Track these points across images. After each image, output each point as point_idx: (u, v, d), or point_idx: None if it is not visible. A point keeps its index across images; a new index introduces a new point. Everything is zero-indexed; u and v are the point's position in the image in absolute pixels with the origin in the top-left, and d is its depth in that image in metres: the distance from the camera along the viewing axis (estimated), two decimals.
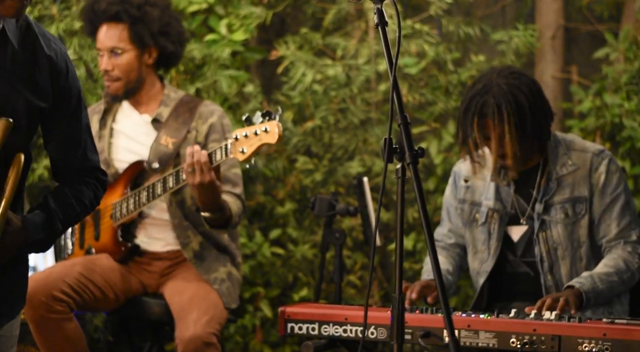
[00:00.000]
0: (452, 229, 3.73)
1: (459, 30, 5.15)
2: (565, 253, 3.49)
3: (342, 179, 5.10)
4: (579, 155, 3.51)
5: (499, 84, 3.44)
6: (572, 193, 3.49)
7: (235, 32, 5.04)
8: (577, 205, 3.48)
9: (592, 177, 3.48)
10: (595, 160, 3.50)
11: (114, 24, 3.92)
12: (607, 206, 3.47)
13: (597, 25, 5.22)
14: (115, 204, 3.94)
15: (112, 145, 4.05)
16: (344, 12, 5.22)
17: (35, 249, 2.68)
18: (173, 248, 3.98)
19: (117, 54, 3.92)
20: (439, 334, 2.99)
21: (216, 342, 3.64)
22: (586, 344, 2.86)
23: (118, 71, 3.94)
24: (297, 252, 5.05)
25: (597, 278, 3.32)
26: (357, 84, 5.08)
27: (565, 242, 3.49)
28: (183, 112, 4.00)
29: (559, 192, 3.50)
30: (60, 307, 3.67)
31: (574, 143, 3.56)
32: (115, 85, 3.96)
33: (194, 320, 3.64)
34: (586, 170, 3.49)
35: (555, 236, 3.50)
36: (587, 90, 4.99)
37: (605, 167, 3.48)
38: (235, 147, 3.54)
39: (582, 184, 3.49)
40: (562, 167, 3.51)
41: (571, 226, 3.49)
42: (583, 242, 3.48)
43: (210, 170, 3.58)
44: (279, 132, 3.45)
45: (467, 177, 3.67)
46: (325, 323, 3.15)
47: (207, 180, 3.58)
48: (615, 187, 3.48)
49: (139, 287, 3.97)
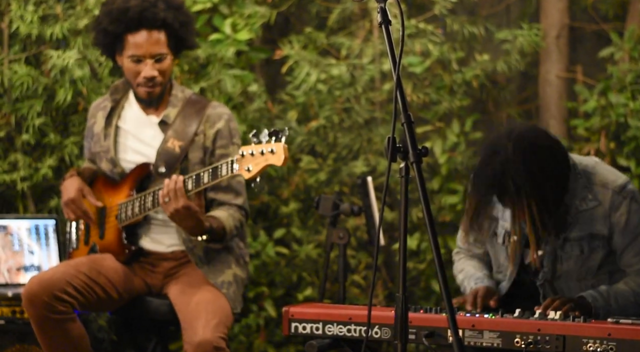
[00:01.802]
0: (479, 239, 3.53)
1: (463, 30, 5.15)
2: (571, 282, 3.39)
3: (347, 178, 5.09)
4: (599, 191, 3.32)
5: (515, 160, 3.19)
6: (590, 229, 3.33)
7: (240, 32, 5.03)
8: (594, 241, 3.34)
9: (612, 216, 3.31)
10: (616, 199, 3.31)
11: (156, 30, 3.89)
12: (630, 242, 3.32)
13: (602, 25, 5.21)
14: (120, 205, 3.94)
15: (119, 145, 4.04)
16: (348, 12, 5.21)
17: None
18: (178, 249, 3.97)
19: (160, 60, 3.91)
20: (443, 334, 2.99)
21: (225, 346, 3.63)
22: (591, 344, 2.85)
23: (161, 77, 3.92)
24: (301, 252, 5.04)
25: (612, 296, 3.25)
26: (362, 83, 5.07)
27: (577, 273, 3.38)
28: (190, 113, 3.98)
29: (576, 228, 3.33)
30: (63, 308, 3.67)
31: (595, 176, 3.35)
32: (157, 90, 3.94)
33: (202, 324, 3.63)
34: (606, 209, 3.31)
35: (565, 268, 3.38)
36: (592, 90, 4.98)
37: (626, 208, 3.31)
38: (241, 164, 3.54)
39: (601, 222, 3.32)
40: (582, 202, 3.32)
41: (583, 261, 3.36)
42: (593, 271, 3.37)
43: (183, 195, 3.61)
44: (285, 154, 3.47)
45: None
46: (329, 323, 3.14)
47: (180, 205, 3.60)
48: (636, 226, 3.33)
49: (143, 288, 3.96)
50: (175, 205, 3.62)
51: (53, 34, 4.83)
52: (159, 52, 3.89)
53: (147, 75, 3.88)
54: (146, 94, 3.93)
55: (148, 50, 3.88)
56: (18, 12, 4.82)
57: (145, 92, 3.93)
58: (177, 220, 3.67)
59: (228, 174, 3.59)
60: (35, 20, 4.82)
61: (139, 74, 3.90)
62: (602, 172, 3.37)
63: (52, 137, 4.87)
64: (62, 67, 4.76)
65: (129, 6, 3.88)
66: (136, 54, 3.88)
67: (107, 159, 4.02)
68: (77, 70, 4.75)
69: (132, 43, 3.88)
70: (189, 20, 4.01)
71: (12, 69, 4.83)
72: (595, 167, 3.38)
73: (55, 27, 4.84)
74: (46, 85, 4.84)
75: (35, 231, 4.43)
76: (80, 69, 4.77)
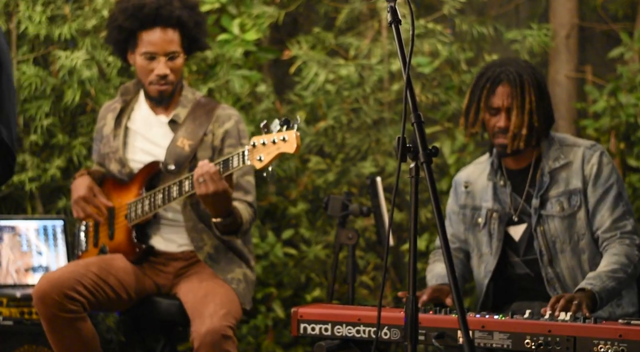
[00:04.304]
0: (454, 234, 3.78)
1: (472, 30, 5.14)
2: (564, 246, 3.52)
3: (355, 179, 5.08)
4: (570, 150, 3.57)
5: (517, 61, 3.58)
6: (566, 186, 3.54)
7: (248, 32, 5.03)
8: (572, 197, 3.52)
9: (585, 169, 3.53)
10: (587, 153, 3.54)
11: (170, 28, 3.91)
12: (600, 196, 3.51)
13: (612, 25, 5.19)
14: (130, 205, 3.94)
15: (128, 145, 4.04)
16: (356, 12, 5.20)
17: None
18: (188, 248, 3.97)
19: (173, 58, 3.92)
20: (453, 335, 2.97)
21: (233, 335, 3.61)
22: (601, 345, 2.83)
23: (173, 75, 3.93)
24: (309, 253, 5.03)
25: (605, 277, 3.32)
26: (370, 83, 5.06)
27: (563, 236, 3.52)
28: (200, 114, 3.99)
29: (553, 186, 3.55)
30: (74, 307, 3.66)
31: (566, 139, 3.63)
32: (169, 88, 3.95)
33: (210, 314, 3.62)
34: (579, 163, 3.54)
35: (552, 230, 3.53)
36: (602, 90, 4.96)
37: (597, 159, 3.53)
38: (252, 154, 3.53)
39: (575, 177, 3.53)
40: (555, 161, 3.56)
41: (568, 219, 3.52)
42: (583, 234, 3.52)
43: (221, 179, 3.59)
44: (297, 141, 3.44)
45: (467, 182, 3.74)
46: (338, 324, 3.13)
47: (221, 188, 3.59)
48: (607, 178, 3.52)
49: (153, 288, 3.96)
50: (215, 187, 3.59)
51: (61, 35, 4.84)
52: (173, 50, 3.91)
53: (160, 73, 3.89)
54: (157, 92, 3.94)
55: (162, 47, 3.89)
56: (26, 13, 4.82)
57: (156, 90, 3.93)
58: (209, 201, 3.64)
59: (239, 165, 3.59)
60: (43, 20, 4.82)
61: (151, 71, 3.91)
62: (573, 138, 3.66)
63: (60, 138, 4.87)
64: (70, 68, 4.76)
65: (144, 3, 3.90)
66: (150, 51, 3.89)
67: (116, 160, 4.02)
68: (85, 71, 4.75)
69: (146, 40, 3.90)
70: (202, 21, 4.03)
71: (20, 69, 4.83)
72: (567, 135, 3.69)
73: (63, 28, 4.84)
74: (54, 86, 4.84)
75: (43, 231, 4.43)
76: (88, 69, 4.77)
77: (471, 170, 3.77)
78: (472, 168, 3.78)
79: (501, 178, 3.63)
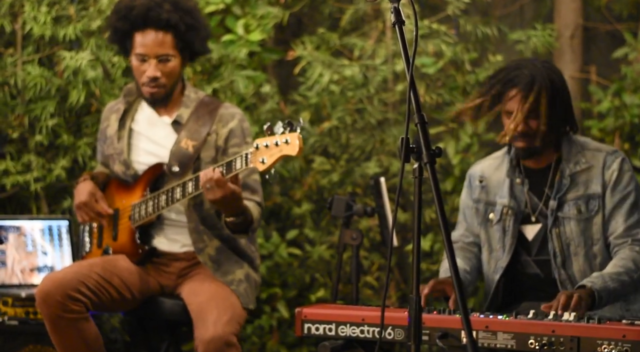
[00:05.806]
0: (469, 229, 3.77)
1: (476, 30, 5.13)
2: (578, 249, 3.52)
3: (359, 179, 5.09)
4: (592, 154, 3.56)
5: (534, 63, 3.54)
6: (585, 190, 3.53)
7: (252, 33, 5.03)
8: (591, 202, 3.52)
9: (605, 175, 3.53)
10: (608, 158, 3.54)
11: (162, 30, 3.90)
12: (617, 203, 3.51)
13: (616, 25, 5.19)
14: (134, 206, 3.94)
15: (132, 147, 4.05)
16: (361, 12, 5.21)
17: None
18: (190, 249, 3.97)
19: (165, 61, 3.92)
20: (456, 335, 2.98)
21: (236, 342, 3.63)
22: (605, 345, 2.83)
23: (165, 79, 3.93)
24: (314, 253, 5.04)
25: (607, 277, 3.33)
26: (374, 84, 5.06)
27: (578, 239, 3.52)
28: (203, 114, 3.99)
29: (572, 189, 3.54)
30: (77, 307, 3.67)
31: (588, 143, 3.62)
32: (160, 91, 3.95)
33: (213, 320, 3.63)
34: (599, 168, 3.53)
35: (568, 232, 3.53)
36: (606, 91, 4.96)
37: (618, 165, 3.53)
38: (255, 156, 3.54)
39: (595, 181, 3.53)
40: (576, 165, 3.55)
41: (584, 223, 3.52)
42: (597, 239, 3.52)
43: (227, 183, 3.59)
44: (299, 144, 3.45)
45: (482, 177, 3.72)
46: (342, 324, 3.13)
47: (229, 192, 3.60)
48: (626, 185, 3.52)
49: (157, 288, 3.97)
50: (222, 193, 3.59)
51: (66, 35, 4.84)
52: (163, 53, 3.90)
53: (150, 75, 3.91)
54: (149, 94, 3.95)
55: (152, 49, 3.89)
56: (31, 14, 4.83)
57: (148, 92, 3.95)
58: (221, 205, 3.65)
59: (242, 167, 3.59)
60: (48, 21, 4.83)
61: (143, 73, 3.92)
62: (595, 142, 3.65)
63: (65, 138, 4.88)
64: (75, 68, 4.77)
65: (135, 4, 3.91)
66: (140, 52, 3.91)
67: (120, 161, 4.02)
68: (90, 72, 4.76)
69: (138, 42, 3.91)
70: (197, 25, 3.98)
71: (25, 70, 4.84)
72: (589, 139, 3.67)
73: (68, 28, 4.85)
74: (59, 87, 4.85)
75: (48, 231, 4.43)
76: (93, 70, 4.78)
77: (487, 165, 3.75)
78: (488, 162, 3.75)
79: (519, 176, 3.62)
